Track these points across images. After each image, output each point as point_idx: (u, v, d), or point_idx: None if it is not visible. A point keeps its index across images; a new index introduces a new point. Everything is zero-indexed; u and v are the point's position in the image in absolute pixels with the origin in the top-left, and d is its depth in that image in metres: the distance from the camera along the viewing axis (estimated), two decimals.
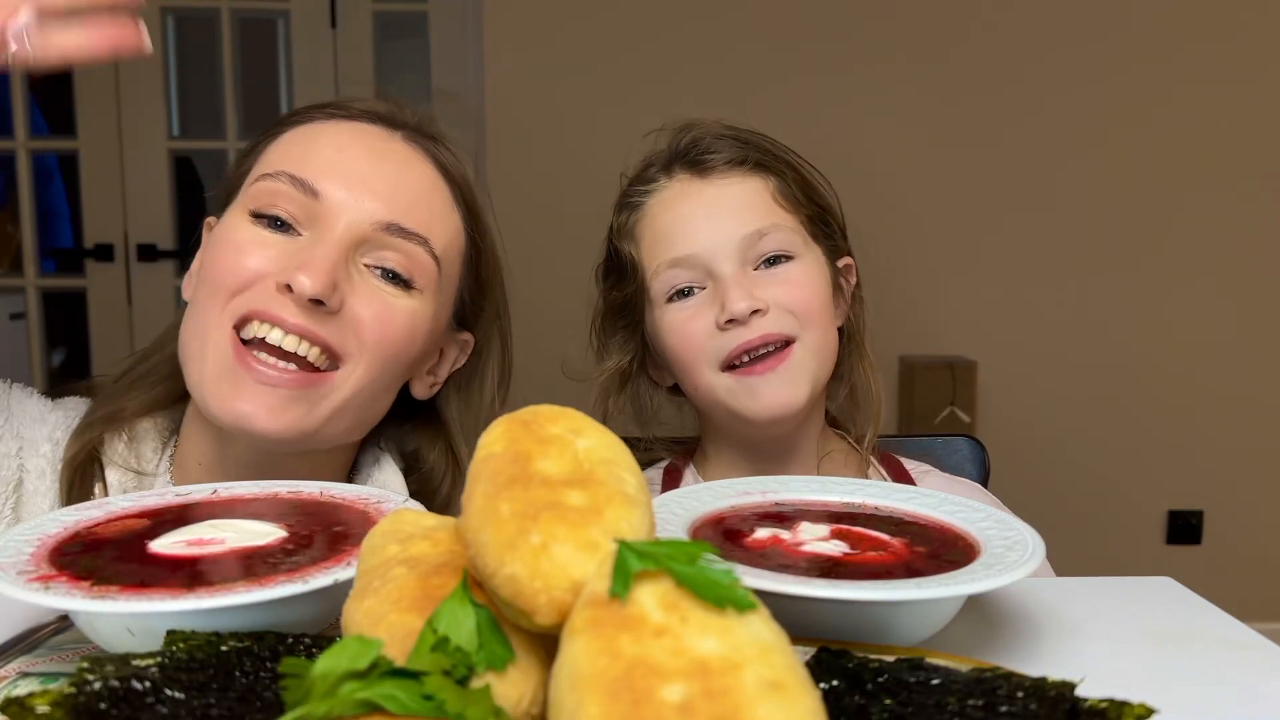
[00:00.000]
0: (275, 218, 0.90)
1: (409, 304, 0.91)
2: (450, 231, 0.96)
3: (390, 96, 1.00)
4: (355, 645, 0.43)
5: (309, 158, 0.91)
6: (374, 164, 0.92)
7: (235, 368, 0.86)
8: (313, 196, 0.89)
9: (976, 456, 1.36)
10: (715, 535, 0.68)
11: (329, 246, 0.88)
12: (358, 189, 0.90)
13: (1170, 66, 2.98)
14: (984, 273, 3.02)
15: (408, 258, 0.91)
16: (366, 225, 0.89)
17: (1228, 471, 3.09)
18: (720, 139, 1.11)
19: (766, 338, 1.04)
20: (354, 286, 0.89)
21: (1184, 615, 0.73)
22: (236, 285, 0.88)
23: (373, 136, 0.95)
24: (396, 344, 0.91)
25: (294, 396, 0.87)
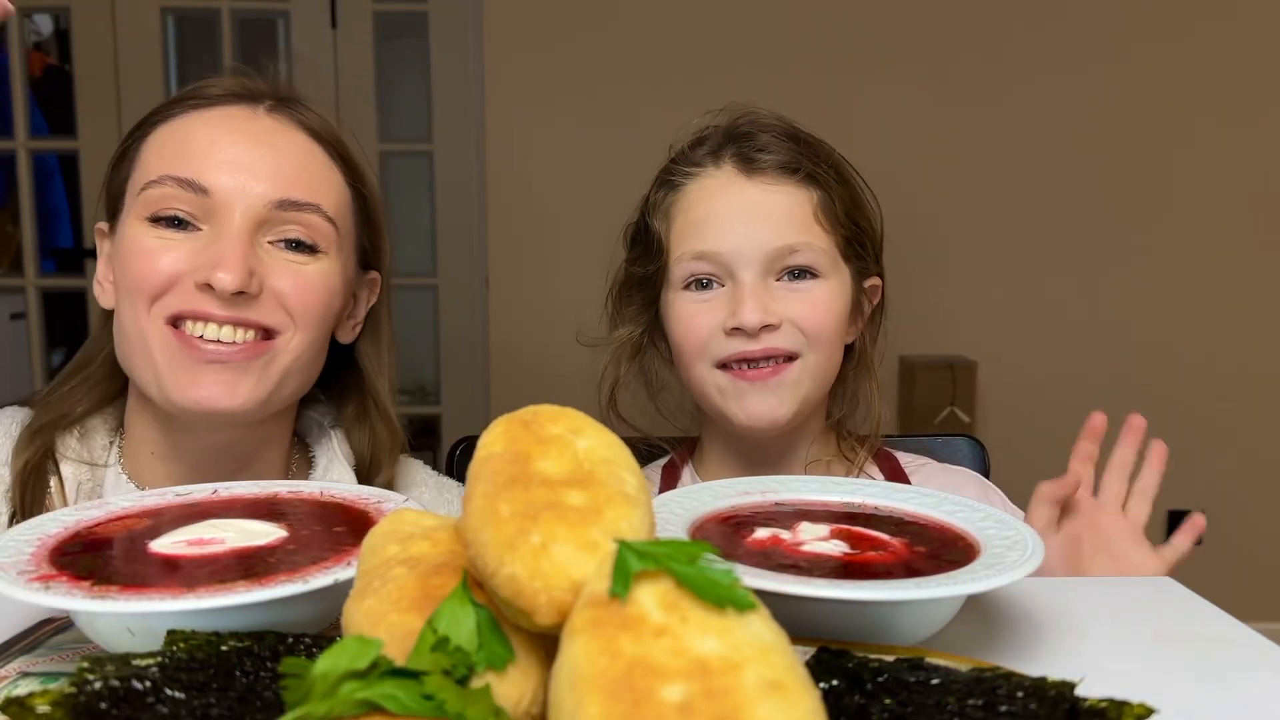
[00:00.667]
0: (173, 218, 0.93)
1: (319, 267, 0.96)
2: (336, 191, 0.99)
3: (240, 70, 1.03)
4: (355, 645, 0.43)
5: (186, 155, 0.94)
6: (250, 146, 0.95)
7: (185, 356, 0.91)
8: (202, 193, 0.93)
9: (976, 456, 1.36)
10: (715, 535, 0.68)
11: (233, 237, 0.92)
12: (242, 175, 0.94)
13: (1170, 66, 2.98)
14: (984, 273, 3.02)
15: (305, 227, 0.95)
16: (260, 208, 0.93)
17: (1228, 471, 3.09)
18: (779, 139, 1.08)
19: (769, 352, 1.04)
20: (267, 266, 0.93)
21: (1184, 615, 0.73)
22: (156, 288, 0.92)
23: (239, 118, 0.97)
24: (319, 306, 0.96)
25: (244, 368, 0.92)
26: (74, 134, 3.19)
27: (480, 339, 3.15)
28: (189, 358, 0.91)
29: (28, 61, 3.30)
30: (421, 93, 3.19)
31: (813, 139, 1.11)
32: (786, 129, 1.10)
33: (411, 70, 3.23)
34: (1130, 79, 2.99)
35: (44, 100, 3.44)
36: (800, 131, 1.11)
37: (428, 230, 3.23)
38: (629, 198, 1.16)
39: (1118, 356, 3.06)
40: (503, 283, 3.06)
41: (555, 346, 3.04)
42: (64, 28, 3.43)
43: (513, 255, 3.05)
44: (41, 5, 3.41)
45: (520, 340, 3.05)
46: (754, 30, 2.98)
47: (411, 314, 3.33)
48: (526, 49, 2.98)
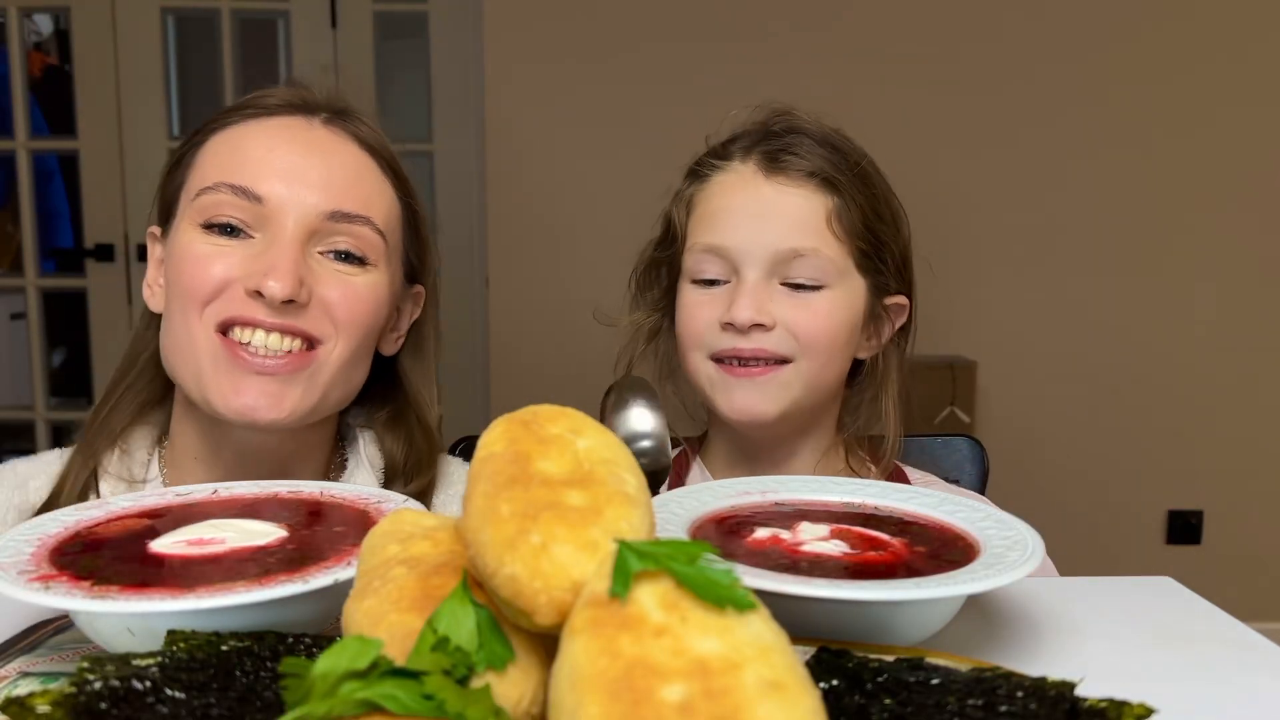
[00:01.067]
0: (226, 225, 0.94)
1: (367, 279, 0.97)
2: (387, 203, 1.00)
3: (297, 83, 1.05)
4: (355, 645, 0.43)
5: (242, 163, 0.95)
6: (305, 156, 0.96)
7: (231, 364, 0.92)
8: (256, 201, 0.93)
9: (976, 456, 1.36)
10: (715, 535, 0.68)
11: (285, 246, 0.92)
12: (296, 184, 0.94)
13: (1171, 66, 2.98)
14: (984, 273, 3.03)
15: (356, 238, 0.96)
16: (313, 218, 0.94)
17: (1228, 471, 3.09)
18: (811, 143, 1.08)
19: (759, 353, 1.05)
20: (316, 276, 0.94)
21: (1184, 615, 0.73)
22: (207, 294, 0.93)
23: (295, 129, 0.99)
24: (366, 316, 0.97)
25: (290, 380, 0.92)
26: (74, 134, 3.19)
27: (480, 339, 3.16)
28: (235, 366, 0.91)
29: (28, 61, 3.30)
30: (421, 93, 3.19)
31: (847, 147, 1.09)
32: (822, 134, 1.09)
33: (411, 70, 3.23)
34: (1132, 78, 2.99)
35: (44, 100, 3.44)
36: (836, 138, 1.09)
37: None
38: (629, 197, 1.17)
39: (1118, 357, 3.06)
40: (503, 283, 3.07)
41: (555, 346, 3.04)
42: (64, 28, 3.43)
43: (513, 255, 3.05)
44: (41, 5, 3.41)
45: (520, 340, 3.06)
46: (754, 30, 2.98)
47: None
48: (526, 49, 2.99)
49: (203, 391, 0.93)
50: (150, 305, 1.02)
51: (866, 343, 1.12)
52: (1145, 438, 3.09)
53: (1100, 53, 2.99)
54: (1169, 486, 3.12)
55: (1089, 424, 3.08)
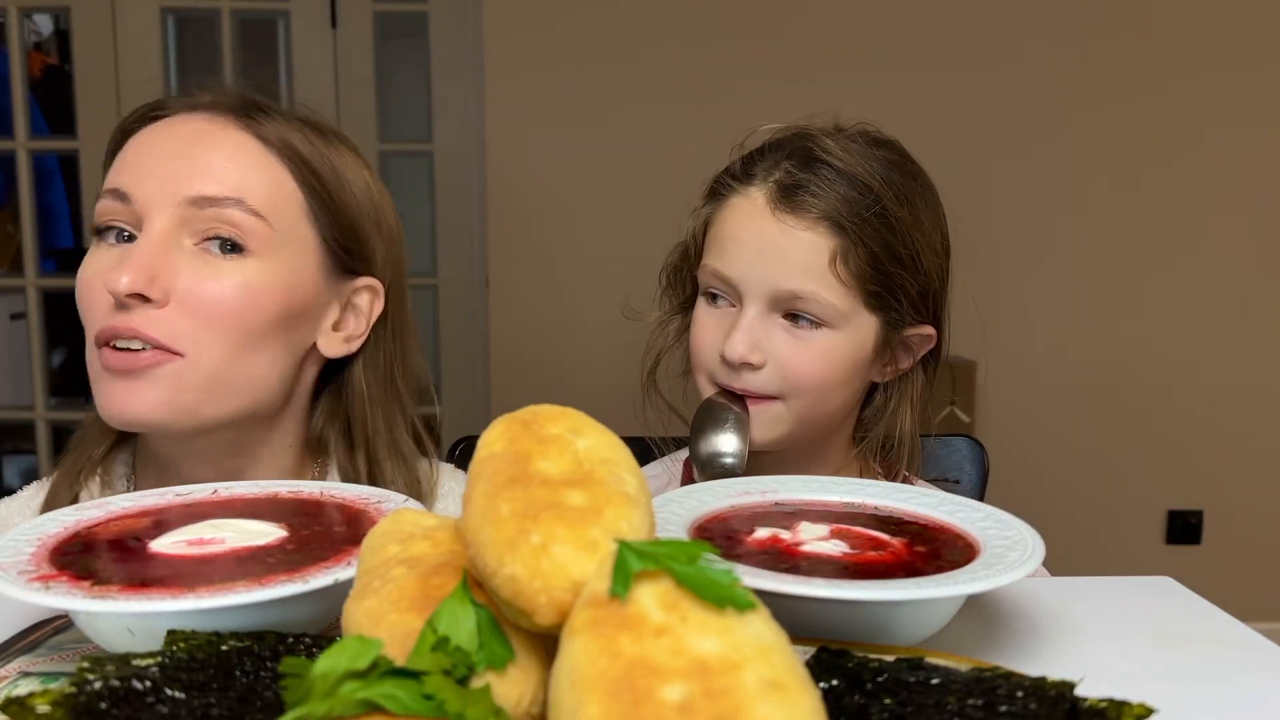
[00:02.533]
0: (104, 229, 0.93)
1: (242, 267, 0.90)
2: (269, 185, 0.93)
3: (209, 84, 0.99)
4: (355, 645, 0.43)
5: (121, 168, 0.94)
6: (176, 148, 0.92)
7: (104, 371, 0.89)
8: (125, 200, 0.91)
9: (976, 456, 1.36)
10: (715, 535, 0.68)
11: (144, 240, 0.90)
12: (157, 177, 0.91)
13: (1171, 66, 2.98)
14: (984, 273, 3.02)
15: (229, 223, 0.90)
16: (173, 206, 0.90)
17: (1228, 471, 3.09)
18: (833, 177, 1.03)
19: (746, 390, 1.05)
20: (177, 270, 0.89)
21: (1184, 615, 0.73)
22: (86, 307, 0.91)
23: (176, 125, 0.94)
24: (235, 311, 0.90)
25: (157, 376, 0.88)
26: (74, 134, 3.19)
27: (480, 339, 3.15)
28: (105, 373, 0.89)
29: (28, 61, 3.30)
30: (421, 93, 3.18)
31: (867, 181, 1.04)
32: (844, 167, 1.04)
33: (411, 70, 3.23)
34: (1132, 78, 2.99)
35: (44, 100, 3.44)
36: (865, 168, 1.04)
37: (428, 230, 3.23)
38: (629, 197, 1.17)
39: (1118, 357, 3.06)
40: (503, 283, 3.07)
41: (555, 346, 3.04)
42: (64, 28, 3.43)
43: (513, 255, 3.05)
44: (41, 5, 3.41)
45: (520, 340, 3.05)
46: (754, 31, 2.98)
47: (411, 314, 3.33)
48: (526, 49, 2.98)
49: (98, 408, 0.91)
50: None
51: (883, 369, 1.10)
52: (1145, 438, 3.09)
53: (1101, 54, 2.99)
54: (1169, 486, 3.12)
55: (1089, 424, 3.08)
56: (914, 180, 1.10)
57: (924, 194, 1.11)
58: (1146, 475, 3.10)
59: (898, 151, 1.11)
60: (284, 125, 0.96)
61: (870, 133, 1.11)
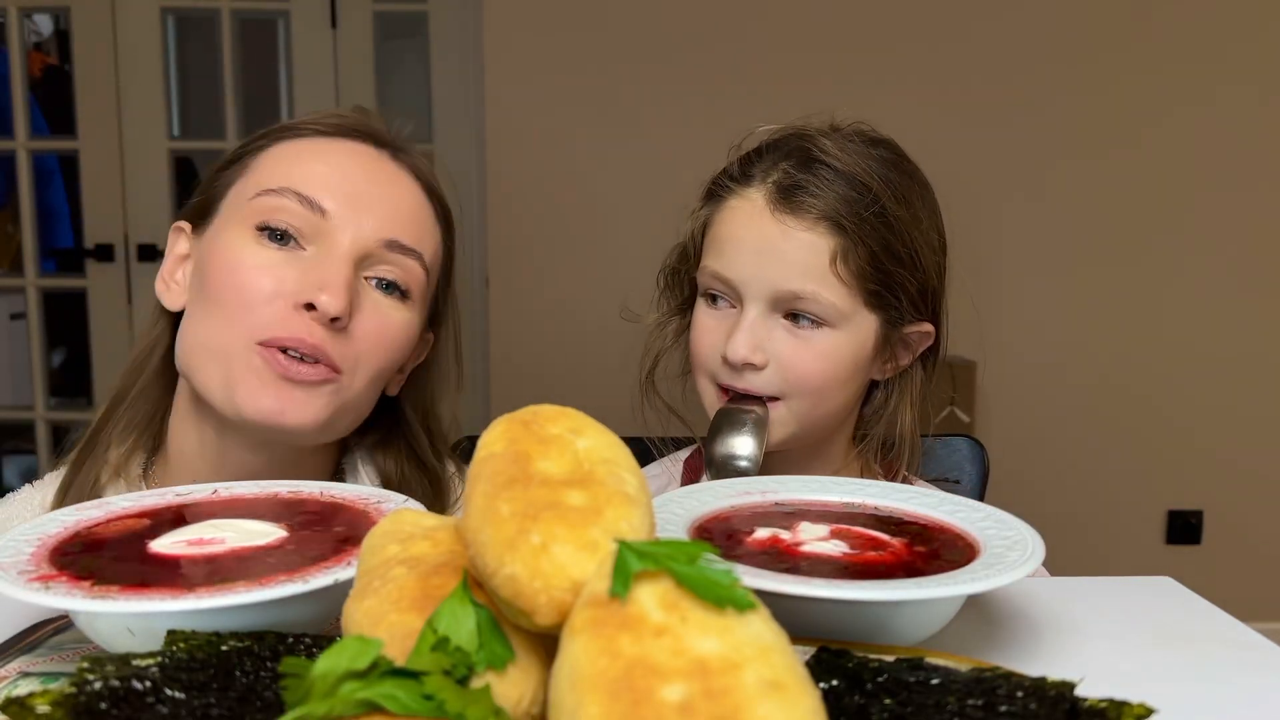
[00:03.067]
0: (282, 231, 0.93)
1: (404, 315, 0.97)
2: (435, 245, 1.02)
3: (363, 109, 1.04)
4: (355, 645, 0.43)
5: (309, 175, 0.94)
6: (371, 182, 0.97)
7: (265, 366, 0.90)
8: (319, 213, 0.93)
9: (976, 456, 1.36)
10: (715, 535, 0.68)
11: (339, 263, 0.92)
12: (360, 207, 0.94)
13: (1172, 66, 2.98)
14: (984, 273, 3.02)
15: (405, 271, 0.96)
16: (370, 242, 0.94)
17: (1228, 471, 3.09)
18: (831, 177, 1.03)
19: (748, 391, 1.05)
20: (359, 302, 0.93)
21: (1184, 615, 0.73)
22: (251, 304, 0.91)
23: (363, 155, 0.98)
24: (392, 352, 0.97)
25: (313, 393, 0.91)
26: (74, 134, 3.19)
27: (480, 339, 3.16)
28: (268, 369, 0.90)
29: (28, 61, 3.30)
30: (421, 93, 3.18)
31: (866, 181, 1.04)
32: (842, 167, 1.04)
33: (411, 70, 3.23)
34: (1133, 79, 2.99)
35: (44, 100, 3.44)
36: (863, 168, 1.04)
37: None
38: (629, 196, 1.17)
39: (1118, 357, 3.06)
40: (503, 283, 3.07)
41: (555, 346, 3.04)
42: (64, 28, 3.43)
43: (513, 255, 3.05)
44: (41, 5, 3.41)
45: (520, 340, 3.05)
46: (754, 32, 2.98)
47: None
48: (527, 49, 2.99)
49: (230, 391, 0.90)
50: (166, 302, 0.99)
51: (883, 367, 1.10)
52: (1145, 438, 3.09)
53: (1101, 54, 2.99)
54: (1169, 486, 3.12)
55: (1089, 424, 3.08)
56: (911, 179, 1.10)
57: (921, 192, 1.11)
58: (1146, 475, 3.10)
59: (894, 150, 1.11)
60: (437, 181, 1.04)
61: (866, 132, 1.11)
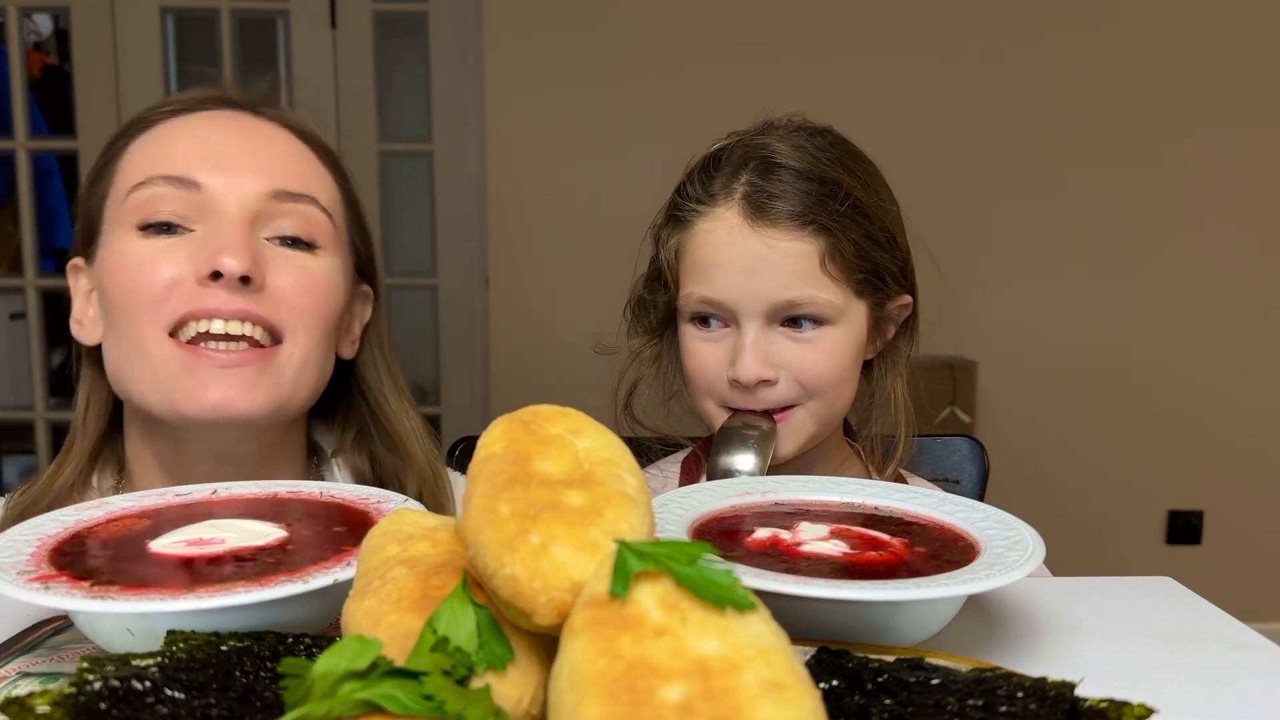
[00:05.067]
0: (164, 223, 0.90)
1: (320, 263, 0.93)
2: (328, 187, 0.97)
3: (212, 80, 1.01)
4: (355, 645, 0.43)
5: (173, 155, 0.91)
6: (241, 142, 0.93)
7: (194, 364, 0.87)
8: (193, 189, 0.89)
9: (976, 456, 1.36)
10: (715, 535, 0.68)
11: (232, 226, 0.88)
12: (234, 169, 0.90)
13: (1172, 66, 2.98)
14: (984, 273, 3.02)
15: (304, 220, 0.92)
16: (255, 199, 0.90)
17: (1228, 471, 3.09)
18: (796, 179, 1.02)
19: (765, 406, 1.04)
20: (267, 262, 0.90)
21: (1184, 615, 0.73)
22: (155, 297, 0.88)
23: (225, 119, 0.95)
24: (323, 305, 0.93)
25: (256, 372, 0.88)
26: (74, 134, 3.19)
27: (480, 339, 3.15)
28: (198, 365, 0.86)
29: (28, 61, 3.30)
30: (421, 93, 3.18)
31: (831, 171, 1.03)
32: (805, 165, 1.03)
33: (411, 70, 3.23)
34: (1133, 79, 2.99)
35: (44, 100, 3.44)
36: (818, 168, 1.03)
37: (428, 230, 3.23)
38: (629, 197, 1.16)
39: (1118, 357, 3.06)
40: (503, 283, 3.07)
41: (555, 346, 3.04)
42: (64, 28, 3.43)
43: (513, 255, 3.05)
44: (41, 5, 3.41)
45: (520, 340, 3.05)
46: (753, 32, 2.98)
47: (411, 314, 3.33)
48: (526, 49, 2.99)
49: (167, 397, 0.87)
50: (84, 339, 0.96)
51: (871, 346, 1.11)
52: (1145, 438, 3.09)
53: (1101, 55, 2.99)
54: (1169, 486, 3.12)
55: (1089, 424, 3.08)
56: (863, 160, 1.10)
57: (875, 171, 1.11)
58: (1146, 475, 3.10)
59: (836, 136, 1.11)
60: (315, 129, 0.99)
61: (806, 124, 1.10)
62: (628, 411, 1.18)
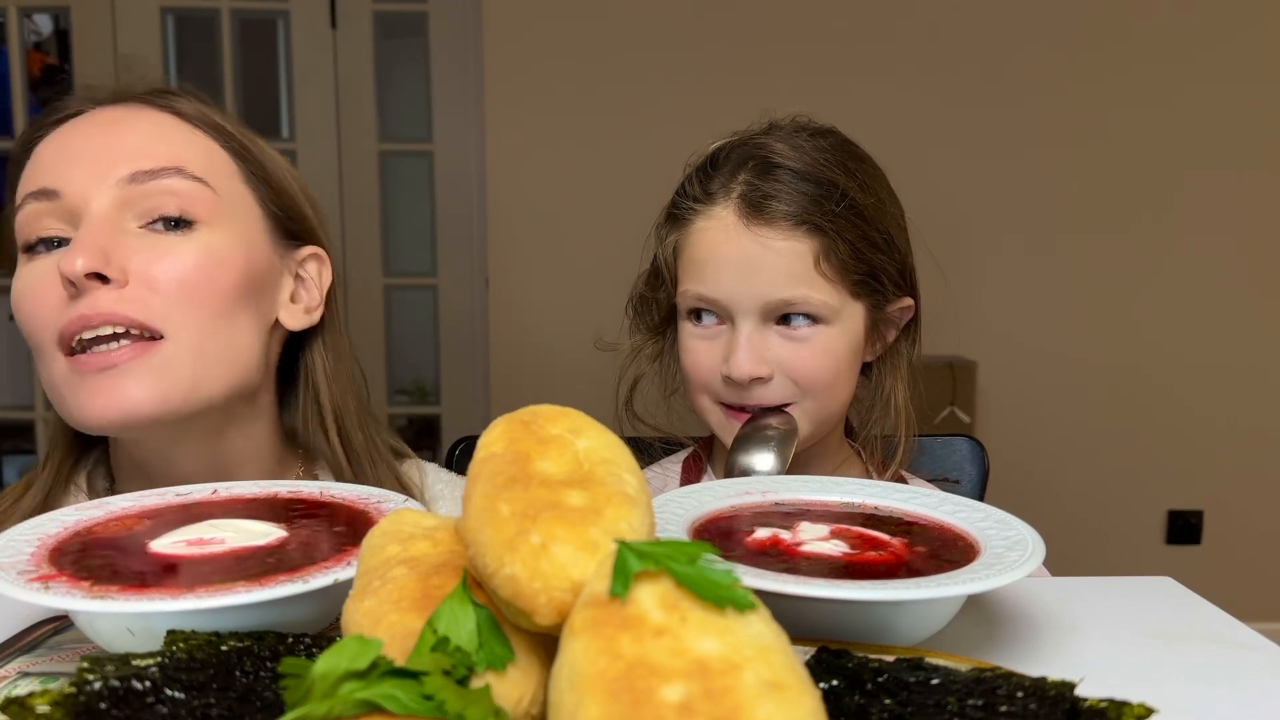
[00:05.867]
0: (42, 239, 0.88)
1: (197, 240, 0.87)
2: (202, 152, 0.91)
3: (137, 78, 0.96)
4: (355, 645, 0.43)
5: (38, 170, 0.89)
6: (96, 137, 0.89)
7: (77, 375, 0.85)
8: (54, 198, 0.87)
9: (976, 456, 1.36)
10: (715, 535, 0.68)
11: (89, 222, 0.85)
12: (84, 167, 0.87)
13: (1171, 65, 2.98)
14: (984, 273, 3.03)
15: (176, 196, 0.87)
16: (111, 186, 0.86)
17: (1228, 471, 3.10)
18: (794, 179, 1.03)
19: (760, 404, 1.04)
20: (130, 250, 0.85)
21: (1184, 615, 0.73)
22: (45, 321, 0.85)
23: (83, 122, 0.91)
24: (202, 283, 0.87)
25: (143, 368, 0.84)
26: None
27: (480, 339, 3.16)
28: (80, 376, 0.84)
29: (28, 61, 3.30)
30: (421, 93, 3.19)
31: (830, 173, 1.04)
32: (803, 166, 1.03)
33: (411, 70, 3.23)
34: (1133, 80, 2.99)
35: (44, 100, 3.44)
36: (817, 169, 1.03)
37: (428, 230, 3.23)
38: (629, 197, 1.16)
39: (1118, 357, 3.06)
40: (503, 283, 3.07)
41: (555, 346, 3.04)
42: (64, 28, 3.43)
43: (513, 255, 3.05)
44: (41, 5, 3.41)
45: (520, 340, 3.06)
46: (753, 31, 2.98)
47: (411, 314, 3.34)
48: (526, 49, 2.99)
49: (68, 413, 0.86)
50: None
51: (873, 348, 1.11)
52: (1145, 438, 3.09)
53: (1101, 55, 2.99)
54: (1169, 486, 3.12)
55: (1089, 424, 3.08)
56: (864, 162, 1.10)
57: (875, 172, 1.11)
58: (1146, 475, 3.10)
59: (839, 136, 1.11)
60: (198, 104, 0.94)
61: (809, 124, 1.10)
62: (629, 408, 1.18)
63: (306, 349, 0.99)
